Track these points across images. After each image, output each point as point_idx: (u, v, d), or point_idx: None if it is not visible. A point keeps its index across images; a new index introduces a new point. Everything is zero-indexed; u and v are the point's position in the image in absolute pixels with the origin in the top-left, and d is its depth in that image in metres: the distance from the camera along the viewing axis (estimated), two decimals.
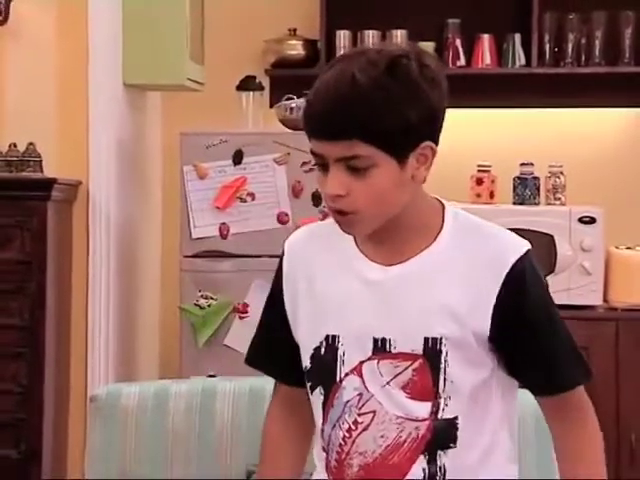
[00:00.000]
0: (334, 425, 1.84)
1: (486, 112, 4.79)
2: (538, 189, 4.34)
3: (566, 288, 4.14)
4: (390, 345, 1.79)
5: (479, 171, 4.38)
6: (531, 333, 1.80)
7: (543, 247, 4.15)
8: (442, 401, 1.79)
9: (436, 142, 1.77)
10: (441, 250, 1.80)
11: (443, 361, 1.78)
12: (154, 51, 4.01)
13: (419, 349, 1.78)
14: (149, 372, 4.40)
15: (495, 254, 1.79)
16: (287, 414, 1.96)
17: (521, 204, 4.31)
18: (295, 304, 1.89)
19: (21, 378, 3.56)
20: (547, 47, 4.58)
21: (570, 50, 4.53)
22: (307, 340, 1.87)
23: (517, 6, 4.68)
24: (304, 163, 4.38)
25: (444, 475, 1.81)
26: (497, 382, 1.84)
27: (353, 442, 1.82)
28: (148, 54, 4.02)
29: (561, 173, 4.36)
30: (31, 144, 3.73)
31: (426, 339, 1.78)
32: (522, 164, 4.35)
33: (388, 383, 1.80)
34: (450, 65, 4.68)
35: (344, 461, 1.84)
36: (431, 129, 1.76)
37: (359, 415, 1.81)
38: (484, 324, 1.77)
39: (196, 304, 3.92)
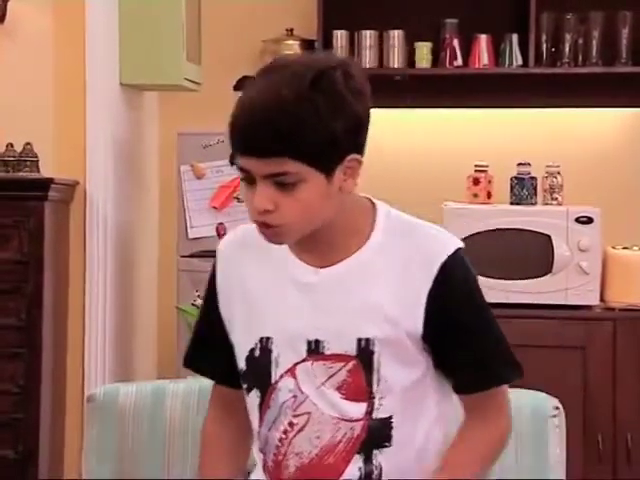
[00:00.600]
0: (270, 427, 1.86)
1: (483, 112, 4.79)
2: (535, 189, 4.34)
3: (563, 288, 4.14)
4: (323, 347, 1.81)
5: (476, 171, 4.38)
6: (459, 331, 1.81)
7: (540, 247, 4.16)
8: (376, 401, 1.81)
9: (362, 153, 1.78)
10: (372, 251, 1.81)
11: (376, 361, 1.79)
12: (151, 51, 4.01)
13: (352, 350, 1.80)
14: (146, 372, 4.40)
15: (426, 253, 1.80)
16: (225, 415, 1.97)
17: (518, 204, 4.31)
18: (230, 307, 1.90)
19: (18, 378, 3.55)
20: (544, 47, 4.58)
21: (567, 50, 4.53)
22: (242, 342, 1.88)
23: (514, 6, 4.68)
24: None
25: (380, 474, 1.83)
26: (432, 382, 1.86)
27: (289, 443, 1.84)
28: (145, 54, 4.02)
29: (558, 173, 4.36)
30: (28, 144, 3.73)
31: (359, 340, 1.79)
32: (519, 164, 4.35)
33: (323, 384, 1.81)
34: (447, 65, 4.68)
35: (281, 462, 1.86)
36: (357, 142, 1.76)
37: (294, 417, 1.83)
38: (417, 324, 1.79)
39: (193, 304, 3.92)
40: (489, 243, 4.21)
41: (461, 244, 1.83)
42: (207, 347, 1.96)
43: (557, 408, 2.25)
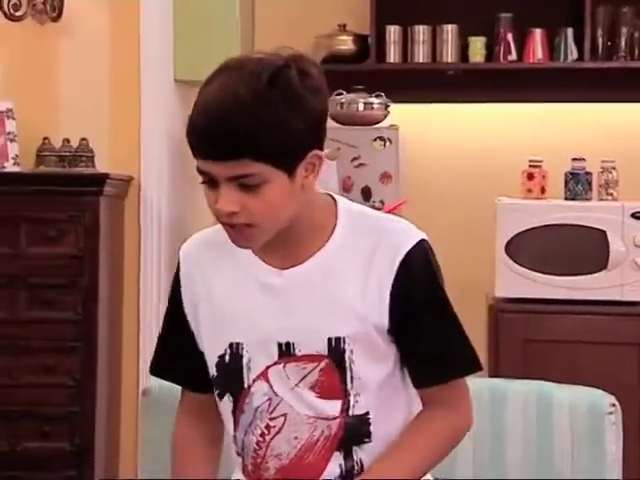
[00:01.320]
0: (246, 431, 1.85)
1: (538, 107, 4.76)
2: (590, 184, 4.30)
3: (619, 284, 4.10)
4: (294, 348, 1.80)
5: (530, 166, 4.35)
6: (419, 323, 1.79)
7: (595, 243, 4.12)
8: (352, 398, 1.80)
9: (322, 149, 1.75)
10: (335, 249, 1.80)
11: (348, 359, 1.79)
12: (205, 47, 4.03)
13: (324, 350, 1.79)
14: None
15: (388, 247, 1.78)
16: (196, 420, 1.95)
17: (573, 199, 4.27)
18: (196, 313, 1.88)
19: (74, 372, 3.59)
20: (600, 41, 4.54)
21: (623, 44, 4.49)
22: (211, 348, 1.86)
23: (569, 0, 4.64)
24: (354, 158, 4.38)
25: (362, 469, 1.83)
26: (401, 373, 1.85)
27: (267, 446, 1.83)
28: (199, 50, 4.03)
29: (613, 168, 4.31)
30: (84, 140, 3.76)
31: (329, 339, 1.79)
32: (574, 159, 4.31)
33: (297, 385, 1.80)
34: (501, 60, 4.66)
35: (260, 465, 1.85)
36: (316, 137, 1.73)
37: (271, 419, 1.82)
38: (382, 317, 1.78)
39: None
40: (543, 239, 4.18)
41: (423, 236, 1.82)
42: (174, 353, 1.94)
43: (614, 405, 2.23)
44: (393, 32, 4.72)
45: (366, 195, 4.42)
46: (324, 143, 1.76)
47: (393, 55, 4.74)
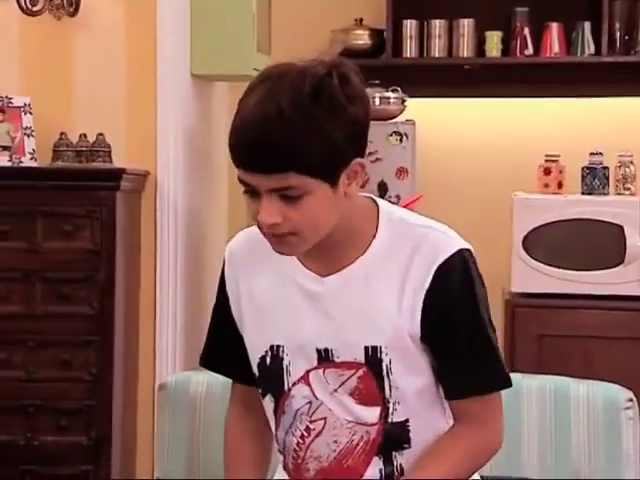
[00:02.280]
0: (287, 431, 1.87)
1: (555, 101, 4.75)
2: (607, 179, 4.29)
3: (636, 279, 4.09)
4: (333, 355, 1.81)
5: (547, 161, 4.34)
6: (452, 334, 1.78)
7: (612, 237, 4.11)
8: (391, 406, 1.80)
9: (363, 156, 1.74)
10: (375, 256, 1.79)
11: (385, 368, 1.79)
12: (221, 42, 4.03)
13: (361, 358, 1.79)
14: None
15: (425, 256, 1.77)
16: (246, 414, 1.97)
17: (590, 194, 4.26)
18: (240, 310, 1.89)
19: (91, 366, 3.60)
20: (617, 35, 4.53)
21: None
22: (253, 348, 1.88)
23: None
24: (370, 153, 4.38)
25: (402, 474, 1.83)
26: (439, 384, 1.84)
27: (307, 448, 1.85)
28: (215, 45, 4.03)
29: (631, 163, 4.30)
30: (101, 135, 3.77)
31: (366, 348, 1.79)
32: (591, 154, 4.30)
33: (336, 390, 1.81)
34: (518, 54, 4.65)
35: (300, 465, 1.87)
36: (358, 146, 1.73)
37: (310, 422, 1.84)
38: (415, 325, 1.77)
39: None
40: (560, 234, 4.17)
41: (466, 246, 1.80)
42: (223, 346, 1.96)
43: (631, 400, 2.22)
44: (409, 26, 4.72)
45: (382, 190, 4.42)
46: (365, 150, 1.75)
47: (409, 50, 4.74)
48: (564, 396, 2.25)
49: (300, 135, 1.64)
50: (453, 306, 1.77)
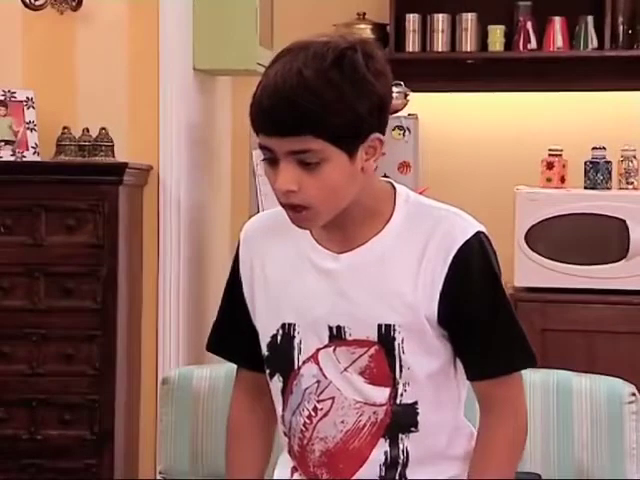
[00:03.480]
0: (294, 412, 1.86)
1: (557, 96, 4.74)
2: (610, 173, 4.28)
3: (639, 274, 4.08)
4: (345, 332, 1.81)
5: (550, 155, 4.34)
6: (473, 316, 1.78)
7: (615, 232, 4.11)
8: (400, 387, 1.80)
9: (383, 133, 1.76)
10: (391, 236, 1.80)
11: (397, 348, 1.78)
12: (224, 36, 4.03)
13: (373, 336, 1.79)
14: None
15: (443, 237, 1.78)
16: (251, 399, 1.97)
17: (593, 188, 4.26)
18: (252, 291, 1.90)
19: (94, 360, 3.60)
20: (620, 29, 4.52)
21: None
22: (264, 328, 1.88)
23: None
24: None
25: (407, 458, 1.83)
26: (453, 370, 1.84)
27: (314, 428, 1.84)
28: (218, 39, 4.03)
29: (634, 157, 4.30)
30: (103, 129, 3.77)
31: (379, 326, 1.79)
32: (594, 148, 4.30)
33: (346, 369, 1.81)
34: (521, 48, 4.64)
35: (306, 446, 1.86)
36: (379, 121, 1.74)
37: (318, 402, 1.83)
38: (433, 308, 1.77)
39: None
40: (563, 228, 4.17)
41: (481, 228, 1.81)
42: (231, 331, 1.96)
43: (634, 394, 2.23)
44: (412, 21, 4.71)
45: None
46: (386, 128, 1.77)
47: (412, 44, 4.73)
48: (567, 390, 2.26)
49: (319, 99, 1.66)
50: (475, 286, 1.78)
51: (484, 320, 1.79)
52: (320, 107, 1.66)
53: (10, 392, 3.62)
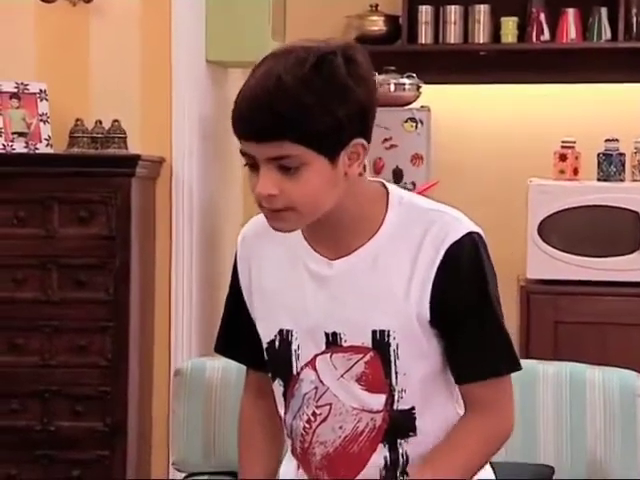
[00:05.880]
0: (295, 415, 1.87)
1: (570, 87, 4.73)
2: (623, 165, 4.27)
3: None
4: (341, 339, 1.80)
5: (563, 147, 4.32)
6: (460, 317, 1.77)
7: (628, 224, 4.09)
8: (396, 394, 1.80)
9: (367, 139, 1.74)
10: (384, 241, 1.79)
11: (392, 353, 1.78)
12: (236, 28, 4.02)
13: (368, 342, 1.79)
14: None
15: (434, 238, 1.76)
16: (260, 400, 1.98)
17: (606, 180, 4.25)
18: (250, 296, 1.90)
19: (106, 352, 3.61)
20: (634, 21, 4.51)
21: None
22: (262, 333, 1.88)
23: None
24: (385, 140, 4.37)
25: (407, 462, 1.83)
26: (447, 371, 1.83)
27: (313, 432, 1.85)
28: (230, 31, 4.03)
29: None
30: (116, 121, 3.77)
31: (374, 332, 1.78)
32: (607, 140, 4.29)
33: (342, 376, 1.81)
34: (534, 40, 4.63)
35: (307, 450, 1.87)
36: (361, 126, 1.72)
37: (317, 407, 1.84)
38: (423, 308, 1.76)
39: None
40: (575, 220, 4.16)
41: (476, 229, 1.79)
42: (236, 333, 1.97)
43: None
44: (425, 12, 4.71)
45: (397, 177, 4.41)
46: (371, 133, 1.75)
47: (425, 36, 4.72)
48: (580, 382, 2.26)
49: (297, 103, 1.64)
50: (462, 287, 1.76)
51: (470, 321, 1.78)
52: (298, 112, 1.64)
53: (23, 384, 3.63)
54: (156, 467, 3.89)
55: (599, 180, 4.26)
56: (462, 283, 1.76)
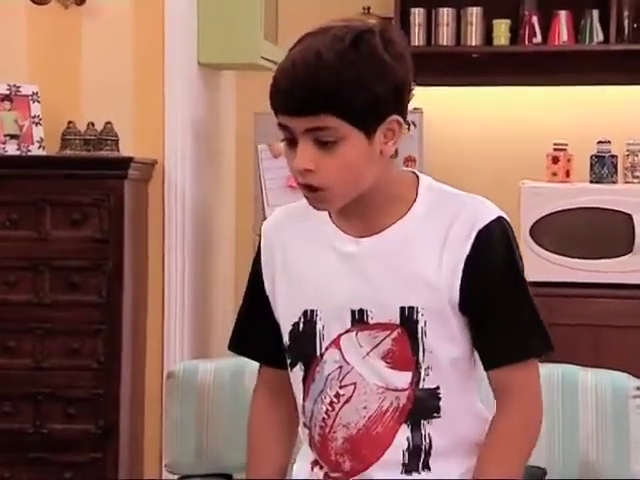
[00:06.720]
0: (315, 400, 1.86)
1: (563, 90, 4.74)
2: (616, 167, 4.28)
3: None
4: (367, 316, 1.81)
5: (555, 149, 4.34)
6: (492, 299, 1.79)
7: (621, 226, 4.10)
8: (422, 371, 1.80)
9: (403, 117, 1.78)
10: (413, 221, 1.81)
11: (420, 331, 1.79)
12: (229, 30, 4.02)
13: (396, 319, 1.79)
14: (225, 349, 4.42)
15: (465, 221, 1.79)
16: (272, 399, 1.97)
17: (598, 183, 4.26)
18: (273, 284, 1.91)
19: (99, 354, 3.60)
20: (626, 23, 4.52)
21: None
22: (285, 317, 1.88)
23: None
24: None
25: (430, 444, 1.82)
26: (474, 358, 1.84)
27: (337, 415, 1.84)
28: (223, 33, 4.03)
29: (639, 151, 4.29)
30: (108, 123, 3.77)
31: (402, 309, 1.79)
32: (599, 142, 4.30)
33: (368, 354, 1.81)
34: (526, 42, 4.64)
35: (328, 434, 1.86)
36: (397, 103, 1.76)
37: (340, 388, 1.83)
38: (454, 290, 1.78)
39: None
40: (568, 222, 4.17)
41: (503, 214, 1.83)
42: (252, 329, 1.97)
43: (639, 389, 2.22)
44: (417, 15, 4.71)
45: None
46: (407, 111, 1.79)
47: (417, 38, 4.73)
48: (572, 384, 2.26)
49: (337, 77, 1.68)
50: (495, 270, 1.78)
51: (503, 304, 1.79)
52: (337, 85, 1.68)
53: (15, 386, 3.63)
54: (149, 469, 3.88)
55: (591, 182, 4.27)
56: (494, 265, 1.78)
